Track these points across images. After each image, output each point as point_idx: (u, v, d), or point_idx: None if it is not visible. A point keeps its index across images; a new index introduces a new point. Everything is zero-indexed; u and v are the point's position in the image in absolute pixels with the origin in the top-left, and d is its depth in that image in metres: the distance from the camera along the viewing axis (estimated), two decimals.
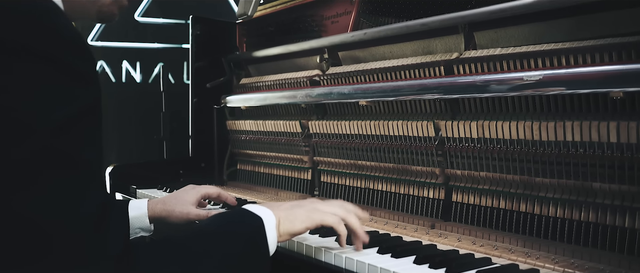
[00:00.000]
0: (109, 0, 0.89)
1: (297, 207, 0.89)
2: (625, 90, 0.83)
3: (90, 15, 0.89)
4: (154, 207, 1.16)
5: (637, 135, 0.83)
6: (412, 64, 1.21)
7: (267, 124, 1.64)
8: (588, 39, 0.93)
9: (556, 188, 0.95)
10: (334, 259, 0.91)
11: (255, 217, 0.83)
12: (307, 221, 0.88)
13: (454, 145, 1.11)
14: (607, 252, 0.87)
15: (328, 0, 1.61)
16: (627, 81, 0.82)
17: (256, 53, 1.76)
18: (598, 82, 0.85)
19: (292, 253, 0.99)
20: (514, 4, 1.03)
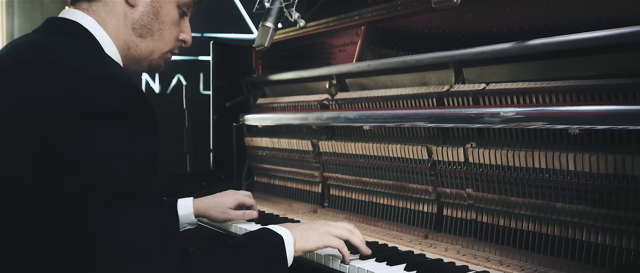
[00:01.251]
0: (158, 55, 1.08)
1: (310, 230, 1.09)
2: (581, 127, 1.00)
3: (142, 68, 1.08)
4: (199, 206, 1.45)
5: (590, 164, 1.00)
6: (409, 94, 1.39)
7: (281, 141, 1.83)
8: (555, 79, 1.11)
9: (527, 206, 1.13)
10: (339, 267, 1.09)
11: (277, 236, 1.03)
12: (318, 242, 1.08)
13: (444, 167, 1.29)
14: (567, 261, 1.04)
15: (336, 31, 1.79)
16: (582, 121, 0.99)
17: (272, 76, 1.95)
18: (559, 120, 1.03)
19: (305, 260, 1.18)
20: (494, 47, 1.20)
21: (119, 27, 1.02)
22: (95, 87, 0.84)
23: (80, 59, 0.90)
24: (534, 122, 1.07)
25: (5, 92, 0.87)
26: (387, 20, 1.61)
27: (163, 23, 1.06)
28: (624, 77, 1.00)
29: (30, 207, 0.83)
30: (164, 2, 1.05)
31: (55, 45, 0.93)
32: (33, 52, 0.92)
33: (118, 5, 1.01)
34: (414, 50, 1.52)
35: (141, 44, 1.05)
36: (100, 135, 0.82)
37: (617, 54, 1.03)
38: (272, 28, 1.73)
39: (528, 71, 1.19)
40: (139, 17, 1.03)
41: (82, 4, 1.01)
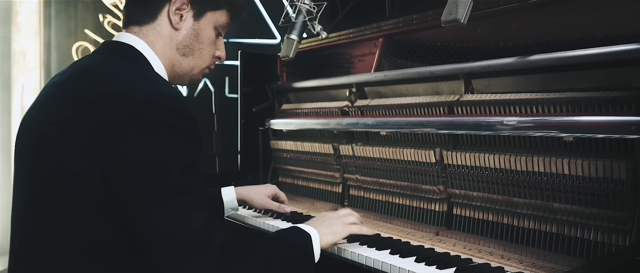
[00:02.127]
0: (198, 71, 1.23)
1: (331, 225, 1.25)
2: (574, 135, 1.12)
3: (183, 82, 1.23)
4: (240, 193, 1.65)
5: (582, 169, 1.12)
6: (422, 102, 1.51)
7: (304, 145, 1.97)
8: (554, 90, 1.22)
9: (528, 206, 1.24)
10: (358, 258, 1.23)
11: (305, 233, 1.18)
12: (341, 233, 1.26)
13: (454, 170, 1.41)
14: (562, 255, 1.15)
15: (356, 42, 1.93)
16: (576, 130, 1.11)
17: (295, 84, 2.09)
18: (556, 129, 1.14)
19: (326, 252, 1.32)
20: (500, 61, 1.32)
21: (166, 48, 1.17)
22: (150, 104, 0.99)
23: (136, 79, 1.06)
24: (533, 130, 1.19)
25: (77, 108, 1.02)
26: (403, 33, 1.74)
27: (202, 43, 1.21)
28: (615, 90, 1.11)
29: (96, 203, 0.99)
30: (203, 25, 1.20)
31: (115, 68, 1.09)
32: (97, 74, 1.07)
33: (165, 29, 1.17)
34: (428, 62, 1.65)
35: (184, 61, 1.20)
36: (155, 142, 0.97)
37: (610, 69, 1.15)
38: (297, 40, 1.88)
39: (531, 83, 1.31)
40: (183, 39, 1.18)
41: (134, 28, 1.17)
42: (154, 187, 0.96)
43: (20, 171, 1.11)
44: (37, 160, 1.04)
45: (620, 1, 1.17)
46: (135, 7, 1.17)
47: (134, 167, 0.96)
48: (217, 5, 1.22)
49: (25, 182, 1.08)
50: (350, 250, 1.26)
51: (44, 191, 1.02)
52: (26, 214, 1.06)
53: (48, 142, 1.02)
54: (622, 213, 1.07)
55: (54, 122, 1.03)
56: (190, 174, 1.00)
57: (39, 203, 1.03)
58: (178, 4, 1.17)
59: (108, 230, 1.01)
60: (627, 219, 1.06)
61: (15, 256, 1.09)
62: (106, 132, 0.97)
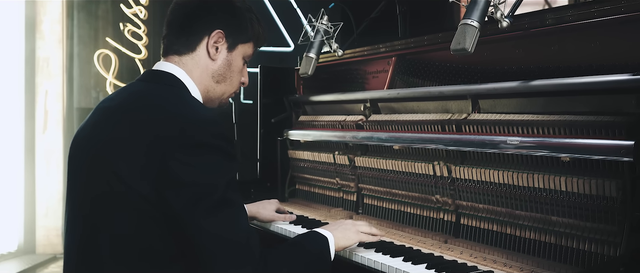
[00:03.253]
0: (227, 95, 1.38)
1: (346, 230, 1.40)
2: (571, 156, 1.24)
3: (214, 105, 1.38)
4: (250, 210, 1.80)
5: (578, 186, 1.24)
6: (432, 120, 1.64)
7: (321, 155, 2.10)
8: (553, 113, 1.34)
9: (529, 218, 1.36)
10: (373, 264, 1.36)
11: (323, 237, 1.31)
12: (354, 239, 1.40)
13: (461, 183, 1.53)
14: (560, 264, 1.27)
15: (370, 60, 2.05)
16: (572, 151, 1.23)
17: (313, 97, 2.22)
18: (554, 149, 1.26)
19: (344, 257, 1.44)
20: (504, 85, 1.44)
21: (202, 76, 1.32)
22: (195, 128, 1.14)
23: (181, 105, 1.21)
24: (534, 150, 1.31)
25: (132, 130, 1.16)
26: (414, 53, 1.86)
27: (233, 72, 1.36)
28: (608, 115, 1.23)
29: (148, 213, 1.13)
30: (235, 56, 1.36)
31: (161, 94, 1.24)
32: (147, 100, 1.22)
33: (202, 59, 1.31)
34: (438, 81, 1.77)
35: (217, 87, 1.35)
36: (201, 161, 1.12)
37: (604, 95, 1.26)
38: (315, 58, 2.01)
39: (532, 105, 1.43)
40: (218, 68, 1.33)
41: (174, 57, 1.31)
42: (204, 200, 1.10)
43: (74, 184, 1.25)
44: (94, 175, 1.18)
45: (614, 34, 1.29)
46: (177, 39, 1.31)
47: (186, 183, 1.11)
48: (246, 39, 1.37)
49: (80, 194, 1.22)
50: (367, 257, 1.39)
51: (101, 202, 1.16)
52: (85, 222, 1.20)
53: (105, 160, 1.16)
54: (613, 227, 1.19)
55: (111, 142, 1.17)
56: (232, 188, 1.15)
57: (97, 213, 1.17)
58: (215, 38, 1.31)
59: (157, 237, 1.15)
60: (617, 232, 1.18)
61: (72, 260, 1.23)
62: (159, 151, 1.11)
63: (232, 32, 1.33)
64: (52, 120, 4.56)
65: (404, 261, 1.34)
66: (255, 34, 1.38)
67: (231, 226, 1.14)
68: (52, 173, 4.58)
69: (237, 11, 1.34)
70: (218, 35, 1.31)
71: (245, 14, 1.36)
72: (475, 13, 1.34)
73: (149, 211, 1.13)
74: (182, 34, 1.31)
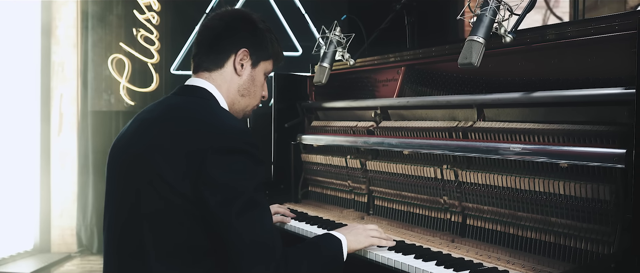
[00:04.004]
0: (250, 108, 1.51)
1: (358, 234, 1.53)
2: (568, 162, 1.35)
3: (239, 116, 1.51)
4: None
5: (575, 190, 1.35)
6: (440, 127, 1.75)
7: (333, 159, 2.22)
8: (553, 122, 1.45)
9: (530, 219, 1.48)
10: (387, 261, 1.47)
11: (337, 239, 1.45)
12: (364, 243, 1.53)
13: (467, 186, 1.65)
14: (558, 261, 1.39)
15: (380, 69, 2.17)
16: (570, 157, 1.34)
17: (326, 104, 2.34)
18: (553, 156, 1.38)
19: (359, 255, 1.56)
20: (507, 95, 1.56)
21: (229, 90, 1.46)
22: (230, 136, 1.28)
23: (216, 116, 1.34)
24: (535, 156, 1.42)
25: (173, 138, 1.30)
26: (423, 63, 1.97)
27: (256, 86, 1.50)
28: (603, 124, 1.34)
29: (189, 212, 1.26)
30: (257, 72, 1.50)
31: (197, 106, 1.38)
32: (185, 111, 1.36)
33: (229, 75, 1.45)
34: (445, 90, 1.88)
35: (242, 100, 1.49)
36: (234, 165, 1.25)
37: (599, 107, 1.37)
38: (328, 68, 2.12)
39: (534, 114, 1.54)
40: (243, 83, 1.47)
41: (204, 73, 1.45)
42: (236, 200, 1.23)
43: (115, 185, 1.39)
44: (137, 175, 1.31)
45: (609, 50, 1.40)
46: (206, 57, 1.46)
47: (221, 185, 1.24)
48: (267, 56, 1.52)
49: (122, 193, 1.35)
50: (381, 255, 1.51)
51: (144, 199, 1.29)
52: (127, 219, 1.33)
53: (147, 162, 1.30)
54: (607, 228, 1.30)
55: (152, 147, 1.31)
56: (260, 191, 1.28)
57: (138, 211, 1.30)
58: (241, 55, 1.46)
59: (192, 232, 1.28)
60: (610, 232, 1.29)
61: (114, 252, 1.36)
62: (197, 156, 1.25)
63: (255, 50, 1.48)
64: (66, 123, 4.69)
65: (415, 258, 1.46)
66: (275, 52, 1.53)
67: (258, 225, 1.27)
68: (67, 175, 4.71)
69: (259, 32, 1.49)
70: (243, 53, 1.45)
71: (266, 34, 1.51)
72: (481, 30, 1.46)
73: (187, 208, 1.26)
74: (211, 52, 1.45)
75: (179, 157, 1.26)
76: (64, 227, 4.73)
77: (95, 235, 4.67)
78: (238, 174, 1.25)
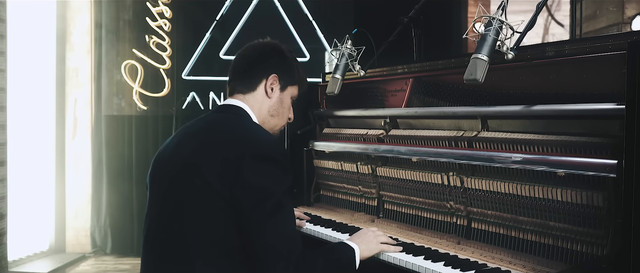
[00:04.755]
0: (278, 128, 1.67)
1: (368, 243, 1.66)
2: (566, 171, 1.47)
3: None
4: None
5: (571, 197, 1.47)
6: (446, 136, 1.87)
7: (345, 165, 2.34)
8: (552, 133, 1.57)
9: (530, 223, 1.60)
10: (399, 262, 1.60)
11: (351, 248, 1.59)
12: (375, 250, 1.67)
13: (472, 192, 1.77)
14: (556, 262, 1.51)
15: (389, 80, 2.29)
16: (567, 167, 1.46)
17: (338, 112, 2.46)
18: (552, 165, 1.50)
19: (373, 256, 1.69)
20: (509, 108, 1.68)
21: (261, 110, 1.63)
22: (263, 146, 1.44)
23: (251, 129, 1.53)
24: (535, 165, 1.54)
25: (216, 147, 1.46)
26: (430, 75, 2.10)
27: (284, 108, 1.69)
28: (598, 136, 1.46)
29: (225, 212, 1.41)
30: (285, 95, 1.69)
31: (235, 122, 1.55)
32: (225, 125, 1.54)
33: (260, 97, 1.63)
34: (451, 101, 2.00)
35: (271, 120, 1.67)
36: (267, 172, 1.41)
37: (594, 120, 1.49)
38: (340, 79, 2.25)
39: (534, 125, 1.66)
40: (272, 104, 1.64)
41: (239, 95, 1.64)
42: (266, 202, 1.39)
43: (157, 192, 1.55)
44: (183, 177, 1.47)
45: (603, 67, 1.52)
46: (241, 82, 1.65)
47: (254, 188, 1.40)
48: (294, 82, 1.72)
49: (163, 199, 1.51)
50: (393, 256, 1.63)
51: (187, 202, 1.45)
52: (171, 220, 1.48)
53: (194, 165, 1.46)
54: (600, 231, 1.42)
55: (197, 154, 1.47)
56: (287, 196, 1.44)
57: (181, 212, 1.46)
58: (271, 80, 1.64)
59: (228, 230, 1.43)
60: (603, 236, 1.41)
61: (156, 250, 1.52)
62: (235, 162, 1.41)
63: (284, 76, 1.67)
64: (81, 127, 4.83)
65: (425, 259, 1.58)
66: (300, 78, 1.74)
67: (284, 226, 1.43)
68: (81, 177, 4.85)
69: (287, 60, 1.71)
70: (273, 78, 1.64)
71: (293, 62, 1.72)
72: (485, 48, 1.58)
73: (223, 207, 1.42)
74: (245, 77, 1.64)
75: (219, 162, 1.42)
76: (78, 228, 4.86)
77: (109, 236, 4.80)
78: (269, 179, 1.41)
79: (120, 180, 4.77)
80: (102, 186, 4.79)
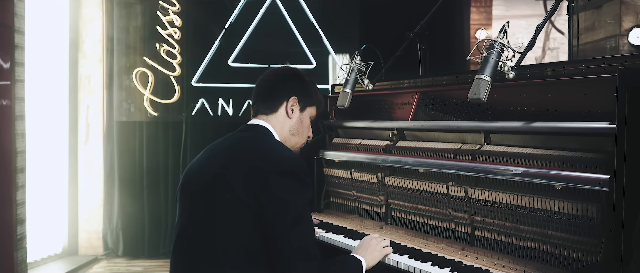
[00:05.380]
0: (298, 146, 1.82)
1: (372, 252, 1.81)
2: (563, 184, 1.60)
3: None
4: None
5: (568, 208, 1.60)
6: (451, 149, 2.00)
7: (354, 174, 2.46)
8: (550, 148, 1.69)
9: (530, 232, 1.72)
10: (407, 268, 1.72)
11: (359, 261, 1.73)
12: (379, 257, 1.82)
13: (476, 202, 1.89)
14: (555, 268, 1.63)
15: (396, 93, 2.41)
16: (563, 180, 1.59)
17: (347, 123, 2.58)
18: (550, 178, 1.62)
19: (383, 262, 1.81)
20: (510, 124, 1.80)
21: (283, 129, 1.78)
22: (286, 162, 1.58)
23: (275, 147, 1.67)
24: (534, 178, 1.67)
25: (242, 161, 1.60)
26: (435, 91, 2.22)
27: (303, 127, 1.85)
28: (592, 152, 1.58)
29: (251, 221, 1.55)
30: (304, 116, 1.85)
31: (260, 140, 1.70)
32: (251, 143, 1.69)
33: (282, 117, 1.79)
34: (456, 115, 2.13)
35: (292, 139, 1.83)
36: (289, 186, 1.55)
37: (589, 137, 1.61)
38: (350, 93, 2.37)
39: (534, 140, 1.78)
40: (293, 124, 1.80)
41: (262, 116, 1.78)
42: (289, 214, 1.53)
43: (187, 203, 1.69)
44: (210, 194, 1.61)
45: (597, 87, 1.64)
46: (264, 104, 1.80)
47: (279, 200, 1.54)
48: (312, 103, 1.87)
49: (193, 209, 1.65)
50: (402, 262, 1.76)
51: (217, 212, 1.58)
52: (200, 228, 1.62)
53: (224, 178, 1.59)
54: (594, 240, 1.54)
55: (227, 168, 1.61)
56: (307, 207, 1.58)
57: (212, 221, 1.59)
58: (292, 102, 1.80)
59: (252, 237, 1.57)
60: (597, 244, 1.54)
61: (185, 255, 1.65)
62: (261, 176, 1.55)
63: (303, 97, 1.83)
64: (93, 133, 4.96)
65: (432, 265, 1.70)
66: (318, 99, 1.89)
67: (305, 236, 1.57)
68: (93, 182, 4.97)
69: (305, 83, 1.86)
70: (293, 100, 1.80)
71: (311, 85, 1.88)
72: (488, 69, 1.70)
73: (249, 217, 1.55)
74: (268, 99, 1.79)
75: (246, 177, 1.57)
76: (90, 231, 4.99)
77: (121, 239, 4.93)
78: (292, 192, 1.56)
79: (131, 184, 4.90)
80: (113, 190, 4.92)
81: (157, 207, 4.93)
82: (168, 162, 4.93)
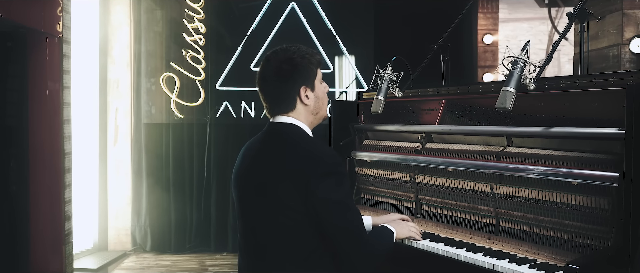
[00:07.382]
0: (323, 112, 1.97)
1: (402, 228, 2.13)
2: (578, 180, 1.87)
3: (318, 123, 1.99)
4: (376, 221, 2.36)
5: (583, 201, 1.87)
6: (477, 150, 2.27)
7: (385, 173, 2.74)
8: (566, 150, 1.97)
9: (549, 222, 2.00)
10: (445, 253, 2.00)
11: (390, 231, 2.03)
12: (406, 234, 2.12)
13: (500, 197, 2.17)
14: (572, 252, 1.91)
15: (424, 100, 2.68)
16: (579, 178, 1.86)
17: (378, 126, 2.86)
18: (567, 176, 1.90)
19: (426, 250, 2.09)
20: (530, 129, 2.08)
21: (307, 116, 1.91)
22: (326, 161, 1.79)
23: (311, 145, 1.84)
24: (553, 176, 1.94)
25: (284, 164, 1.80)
26: (460, 98, 2.49)
27: (321, 98, 1.94)
28: (603, 153, 1.86)
29: (301, 220, 1.78)
30: (317, 88, 1.92)
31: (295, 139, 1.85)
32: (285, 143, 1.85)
33: (301, 107, 1.89)
34: (480, 121, 2.40)
35: (317, 115, 1.94)
36: (332, 184, 1.77)
37: (601, 141, 1.89)
38: (383, 100, 2.64)
39: (552, 143, 2.05)
40: (313, 106, 1.91)
41: (283, 114, 1.88)
42: (338, 208, 1.77)
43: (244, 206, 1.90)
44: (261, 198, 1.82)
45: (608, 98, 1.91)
46: (279, 107, 1.87)
47: (325, 199, 1.76)
48: (315, 73, 1.90)
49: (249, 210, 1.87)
50: (440, 248, 2.03)
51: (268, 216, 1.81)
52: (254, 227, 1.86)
53: (267, 185, 1.80)
54: (606, 228, 1.82)
55: (269, 174, 1.80)
56: (350, 197, 1.83)
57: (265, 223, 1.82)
58: (303, 91, 1.86)
59: (308, 237, 1.80)
60: (608, 232, 1.82)
61: (252, 257, 1.89)
62: (305, 178, 1.75)
63: (307, 79, 1.86)
64: (121, 134, 5.21)
65: (467, 251, 1.98)
66: (317, 63, 1.90)
67: (354, 224, 1.82)
68: (122, 181, 5.23)
69: (301, 67, 1.84)
70: (303, 89, 1.87)
71: (305, 62, 1.84)
72: (512, 82, 1.98)
73: (301, 220, 1.78)
74: (281, 102, 1.86)
75: (290, 178, 1.75)
76: (119, 228, 5.25)
77: (149, 235, 5.19)
78: (335, 188, 1.76)
79: (158, 182, 5.16)
80: (141, 188, 5.18)
81: (183, 205, 5.19)
82: (193, 161, 5.19)
